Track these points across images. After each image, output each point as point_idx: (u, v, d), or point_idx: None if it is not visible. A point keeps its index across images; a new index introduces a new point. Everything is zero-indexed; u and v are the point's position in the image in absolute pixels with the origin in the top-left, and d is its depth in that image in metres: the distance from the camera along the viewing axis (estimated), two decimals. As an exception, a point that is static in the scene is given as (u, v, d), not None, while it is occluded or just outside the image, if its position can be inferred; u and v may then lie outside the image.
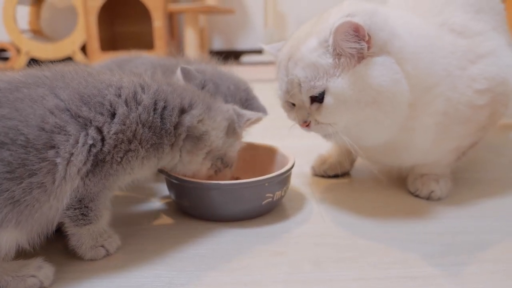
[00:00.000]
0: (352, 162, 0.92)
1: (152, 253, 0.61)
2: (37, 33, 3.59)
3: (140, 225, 0.70)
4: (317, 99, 0.65)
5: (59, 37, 3.58)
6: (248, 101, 0.82)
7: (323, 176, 0.90)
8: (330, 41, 0.62)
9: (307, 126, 0.69)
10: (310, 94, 0.65)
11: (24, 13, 3.47)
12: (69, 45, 3.28)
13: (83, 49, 3.34)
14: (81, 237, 0.58)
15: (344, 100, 0.63)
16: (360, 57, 0.62)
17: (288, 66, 0.68)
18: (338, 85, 0.62)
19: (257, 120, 0.72)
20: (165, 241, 0.64)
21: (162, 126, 0.59)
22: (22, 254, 0.54)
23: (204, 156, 0.65)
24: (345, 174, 0.92)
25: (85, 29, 3.27)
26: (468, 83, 0.69)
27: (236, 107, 0.71)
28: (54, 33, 3.75)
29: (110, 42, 3.62)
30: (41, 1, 3.60)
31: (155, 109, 0.59)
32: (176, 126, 0.61)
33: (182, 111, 0.62)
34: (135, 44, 3.68)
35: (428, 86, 0.66)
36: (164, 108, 0.60)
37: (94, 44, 3.29)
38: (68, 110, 0.53)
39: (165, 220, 0.72)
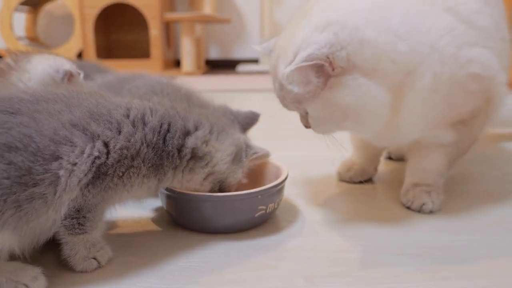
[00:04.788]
0: (375, 167, 0.95)
1: (144, 265, 0.61)
2: (34, 40, 3.59)
3: (132, 236, 0.69)
4: None
5: (55, 45, 3.59)
6: (238, 117, 0.88)
7: (348, 182, 0.93)
8: (291, 79, 0.65)
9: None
10: (298, 112, 0.71)
11: (20, 20, 3.48)
12: (65, 53, 3.26)
13: (79, 56, 3.34)
14: (75, 246, 0.58)
15: (321, 119, 0.69)
16: (327, 78, 0.64)
17: (276, 84, 0.71)
18: (313, 109, 0.68)
19: (264, 156, 0.74)
20: (157, 253, 0.64)
21: (164, 148, 0.61)
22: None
23: (205, 176, 0.66)
24: (369, 180, 0.94)
25: (81, 36, 3.28)
26: (462, 64, 0.69)
27: (247, 139, 0.72)
28: (50, 40, 3.76)
29: (106, 50, 3.63)
30: (38, 9, 3.61)
31: (159, 132, 0.61)
32: (180, 149, 0.62)
33: (187, 133, 0.64)
34: (131, 53, 3.70)
35: (412, 67, 0.67)
36: (168, 131, 0.62)
37: (91, 52, 3.29)
38: (78, 125, 0.55)
39: (158, 231, 0.71)
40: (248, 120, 0.88)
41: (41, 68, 0.85)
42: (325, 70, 0.63)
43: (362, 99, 0.64)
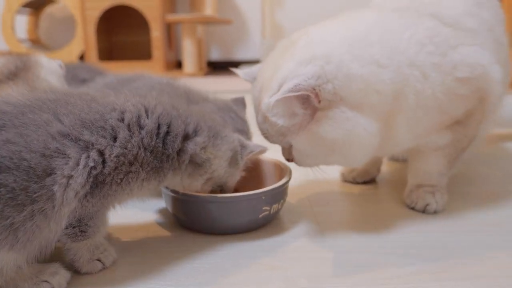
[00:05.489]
0: (378, 168, 0.95)
1: (148, 266, 0.61)
2: (36, 42, 3.60)
3: (136, 239, 0.70)
4: None
5: (57, 47, 3.59)
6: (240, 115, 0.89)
7: (351, 183, 0.93)
8: (276, 110, 0.64)
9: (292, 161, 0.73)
10: (282, 145, 0.71)
11: (22, 22, 3.49)
12: (67, 55, 3.28)
13: (81, 58, 3.35)
14: (78, 251, 0.58)
15: (307, 153, 0.69)
16: (313, 111, 0.63)
17: (259, 116, 0.70)
18: (298, 142, 0.67)
19: (260, 152, 0.74)
20: (161, 255, 0.64)
21: (164, 150, 0.59)
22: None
23: (204, 182, 0.66)
24: (372, 180, 0.95)
25: (83, 38, 3.28)
26: (448, 71, 0.68)
27: (241, 138, 0.72)
28: (52, 42, 3.76)
29: (108, 52, 3.64)
30: (40, 11, 3.62)
31: (158, 134, 0.59)
32: (179, 153, 0.61)
33: (186, 137, 0.62)
34: (133, 54, 3.70)
35: (400, 90, 0.66)
36: (167, 133, 0.60)
37: (92, 54, 3.30)
38: (70, 135, 0.52)
39: (161, 233, 0.72)
40: (240, 109, 0.91)
41: (52, 64, 0.92)
42: (311, 103, 0.62)
43: (351, 132, 0.63)
